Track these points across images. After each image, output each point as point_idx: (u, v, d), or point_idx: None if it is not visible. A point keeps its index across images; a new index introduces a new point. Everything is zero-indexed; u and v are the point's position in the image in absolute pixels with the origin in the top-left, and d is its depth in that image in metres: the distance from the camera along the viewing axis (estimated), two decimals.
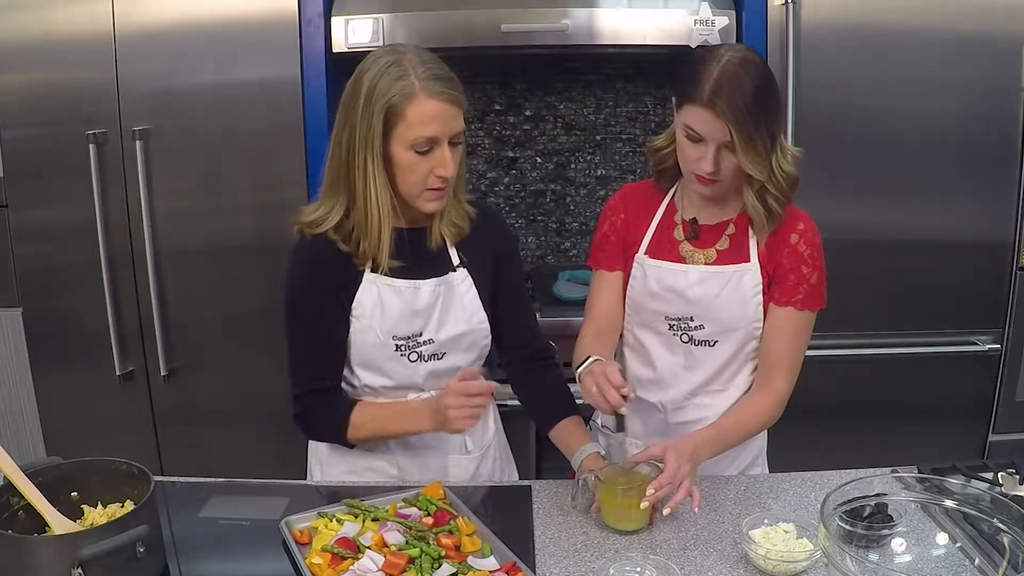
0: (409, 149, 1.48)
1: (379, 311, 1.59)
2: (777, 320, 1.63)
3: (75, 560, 1.20)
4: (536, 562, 1.39)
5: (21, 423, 2.61)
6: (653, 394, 1.71)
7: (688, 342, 1.67)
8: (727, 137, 1.48)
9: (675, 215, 1.69)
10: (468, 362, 1.68)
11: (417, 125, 1.46)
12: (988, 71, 2.37)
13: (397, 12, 2.35)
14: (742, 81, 1.46)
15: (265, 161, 2.39)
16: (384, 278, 1.58)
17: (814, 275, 1.62)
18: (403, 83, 1.45)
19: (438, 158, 1.49)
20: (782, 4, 2.33)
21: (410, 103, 1.45)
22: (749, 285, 1.62)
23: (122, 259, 2.44)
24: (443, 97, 1.47)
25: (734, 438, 1.61)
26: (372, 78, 1.47)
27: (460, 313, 1.64)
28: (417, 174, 1.50)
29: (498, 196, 3.04)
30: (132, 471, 1.41)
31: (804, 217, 1.64)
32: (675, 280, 1.65)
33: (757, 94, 1.47)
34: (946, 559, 1.37)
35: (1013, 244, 2.48)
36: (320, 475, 1.75)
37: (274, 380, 2.45)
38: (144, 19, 2.32)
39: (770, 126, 1.50)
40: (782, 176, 1.54)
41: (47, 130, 2.38)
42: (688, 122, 1.50)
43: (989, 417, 2.60)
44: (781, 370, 1.63)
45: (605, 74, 2.93)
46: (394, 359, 1.61)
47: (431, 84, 1.46)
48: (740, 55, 1.50)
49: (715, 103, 1.45)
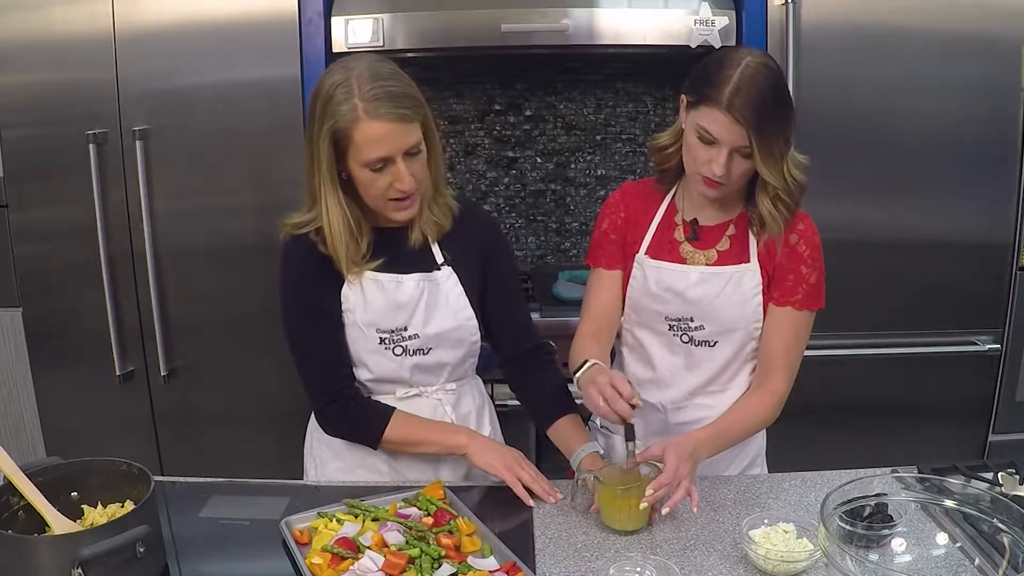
0: (364, 168, 1.50)
1: (361, 304, 1.62)
2: (776, 320, 1.63)
3: (75, 560, 1.20)
4: (536, 562, 1.39)
5: (21, 423, 2.61)
6: (653, 394, 1.71)
7: (688, 342, 1.67)
8: (742, 142, 1.47)
9: (675, 215, 1.69)
10: (456, 358, 1.69)
11: (365, 147, 1.48)
12: (988, 71, 2.37)
13: (397, 12, 2.35)
14: (762, 87, 1.45)
15: (265, 161, 2.39)
16: (368, 272, 1.61)
17: (813, 275, 1.62)
18: (346, 107, 1.46)
19: (395, 173, 1.50)
20: (782, 4, 2.32)
21: (355, 127, 1.46)
22: (749, 285, 1.62)
23: (122, 259, 2.44)
24: (388, 118, 1.46)
25: (733, 437, 1.61)
26: (322, 100, 1.49)
27: (446, 310, 1.65)
28: (376, 188, 1.52)
29: (498, 196, 3.04)
30: (132, 471, 1.41)
31: (803, 217, 1.64)
32: (675, 281, 1.65)
33: (776, 101, 1.47)
34: (946, 559, 1.37)
35: (1013, 244, 2.48)
36: (315, 472, 1.76)
37: (274, 380, 2.47)
38: (144, 19, 2.32)
39: (785, 133, 1.50)
40: (792, 183, 1.54)
41: (47, 130, 2.38)
42: (703, 123, 1.49)
43: (989, 417, 2.60)
44: (779, 370, 1.63)
45: (605, 74, 2.93)
46: (378, 352, 1.64)
47: (375, 106, 1.45)
48: (760, 60, 1.49)
49: (734, 107, 1.44)
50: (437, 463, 1.71)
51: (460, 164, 3.01)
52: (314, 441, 1.77)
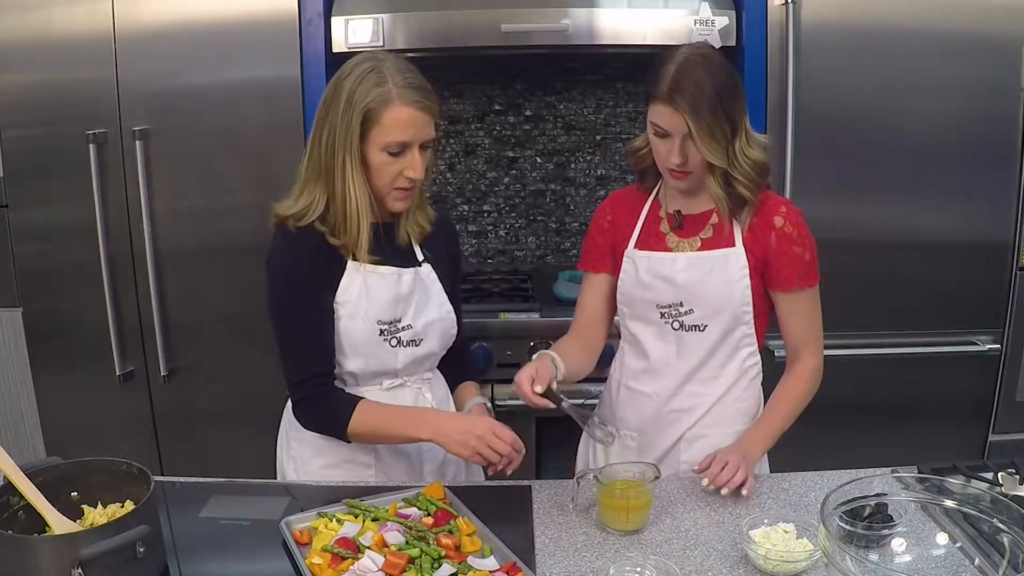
0: (382, 151, 1.58)
1: (365, 297, 1.65)
2: (787, 307, 1.70)
3: (75, 560, 1.20)
4: (536, 562, 1.39)
5: (21, 423, 2.61)
6: (647, 384, 1.76)
7: (679, 328, 1.72)
8: (685, 129, 1.56)
9: (660, 210, 1.76)
10: (440, 349, 1.76)
11: (391, 130, 1.57)
12: (988, 71, 2.37)
13: (397, 12, 2.35)
14: (698, 75, 1.55)
15: (265, 161, 2.39)
16: (369, 265, 1.65)
17: (807, 253, 1.68)
18: (381, 89, 1.56)
19: (408, 160, 1.60)
20: (782, 4, 2.32)
21: (386, 109, 1.56)
22: (735, 268, 1.68)
23: (122, 259, 2.44)
24: (417, 105, 1.57)
25: (779, 424, 1.69)
26: (352, 83, 1.57)
27: (432, 302, 1.73)
28: (387, 175, 1.60)
29: (498, 196, 3.04)
30: (132, 471, 1.41)
31: (785, 202, 1.73)
32: (663, 267, 1.71)
33: (713, 86, 1.55)
34: (946, 559, 1.37)
35: (1013, 244, 2.48)
36: (295, 472, 1.76)
37: (274, 380, 2.44)
38: (144, 19, 2.32)
39: (729, 115, 1.57)
40: (747, 162, 1.61)
41: (47, 130, 2.38)
42: (653, 119, 1.60)
43: (989, 417, 2.60)
44: (806, 346, 1.72)
45: (605, 74, 2.93)
46: (377, 343, 1.68)
47: (407, 92, 1.57)
48: (696, 51, 1.61)
49: (673, 98, 1.54)
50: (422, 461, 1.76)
51: (460, 164, 3.01)
52: (291, 440, 1.78)
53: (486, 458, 1.57)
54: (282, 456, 1.81)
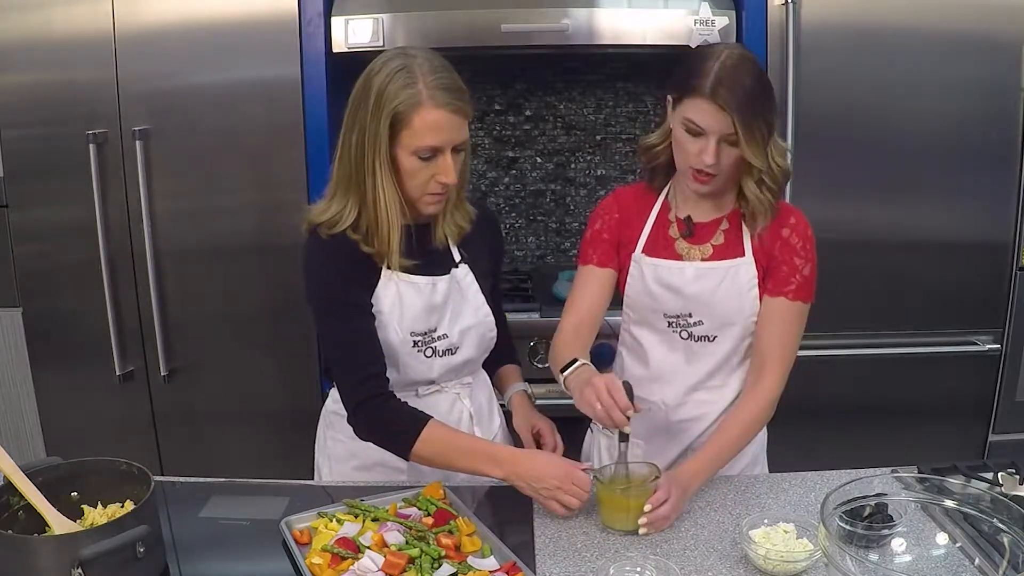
0: (413, 155, 1.50)
1: (398, 308, 1.60)
2: (770, 310, 1.64)
3: (75, 560, 1.20)
4: (536, 562, 1.39)
5: (21, 423, 2.61)
6: (653, 392, 1.72)
7: (688, 339, 1.68)
8: (728, 129, 1.51)
9: (669, 213, 1.72)
10: (478, 354, 1.71)
11: (421, 134, 1.48)
12: (988, 71, 2.37)
13: (397, 12, 2.35)
14: (742, 74, 1.51)
15: (265, 161, 2.39)
16: (403, 275, 1.60)
17: (807, 267, 1.64)
18: (410, 91, 1.47)
19: (440, 165, 1.51)
20: (782, 4, 2.32)
21: (416, 112, 1.47)
22: (745, 278, 1.64)
23: (122, 259, 2.43)
24: (449, 108, 1.49)
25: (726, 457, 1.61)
26: (381, 82, 1.48)
27: (468, 307, 1.67)
28: (419, 179, 1.53)
29: (498, 196, 3.04)
30: (132, 471, 1.41)
31: (795, 211, 1.68)
32: (672, 277, 1.67)
33: (756, 86, 1.52)
34: (946, 559, 1.37)
35: (1013, 244, 2.48)
36: (328, 472, 1.74)
37: (274, 380, 2.47)
38: (144, 19, 2.32)
39: (767, 117, 1.54)
40: (776, 168, 1.59)
41: (47, 130, 2.38)
42: (690, 115, 1.53)
43: (989, 417, 2.60)
44: (772, 365, 1.63)
45: (605, 74, 2.93)
46: (411, 355, 1.63)
47: (438, 94, 1.48)
48: (738, 51, 1.57)
49: (718, 94, 1.49)
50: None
51: None
52: (327, 439, 1.76)
53: (563, 504, 1.48)
54: (319, 455, 1.79)
